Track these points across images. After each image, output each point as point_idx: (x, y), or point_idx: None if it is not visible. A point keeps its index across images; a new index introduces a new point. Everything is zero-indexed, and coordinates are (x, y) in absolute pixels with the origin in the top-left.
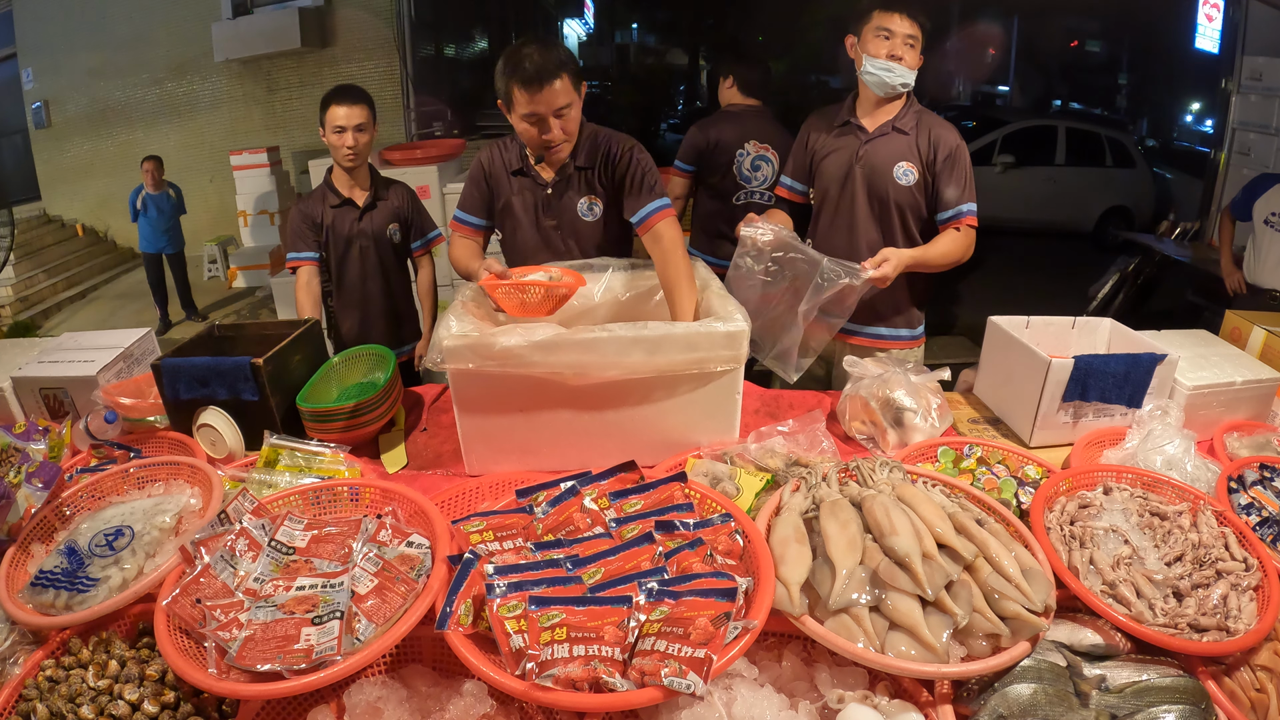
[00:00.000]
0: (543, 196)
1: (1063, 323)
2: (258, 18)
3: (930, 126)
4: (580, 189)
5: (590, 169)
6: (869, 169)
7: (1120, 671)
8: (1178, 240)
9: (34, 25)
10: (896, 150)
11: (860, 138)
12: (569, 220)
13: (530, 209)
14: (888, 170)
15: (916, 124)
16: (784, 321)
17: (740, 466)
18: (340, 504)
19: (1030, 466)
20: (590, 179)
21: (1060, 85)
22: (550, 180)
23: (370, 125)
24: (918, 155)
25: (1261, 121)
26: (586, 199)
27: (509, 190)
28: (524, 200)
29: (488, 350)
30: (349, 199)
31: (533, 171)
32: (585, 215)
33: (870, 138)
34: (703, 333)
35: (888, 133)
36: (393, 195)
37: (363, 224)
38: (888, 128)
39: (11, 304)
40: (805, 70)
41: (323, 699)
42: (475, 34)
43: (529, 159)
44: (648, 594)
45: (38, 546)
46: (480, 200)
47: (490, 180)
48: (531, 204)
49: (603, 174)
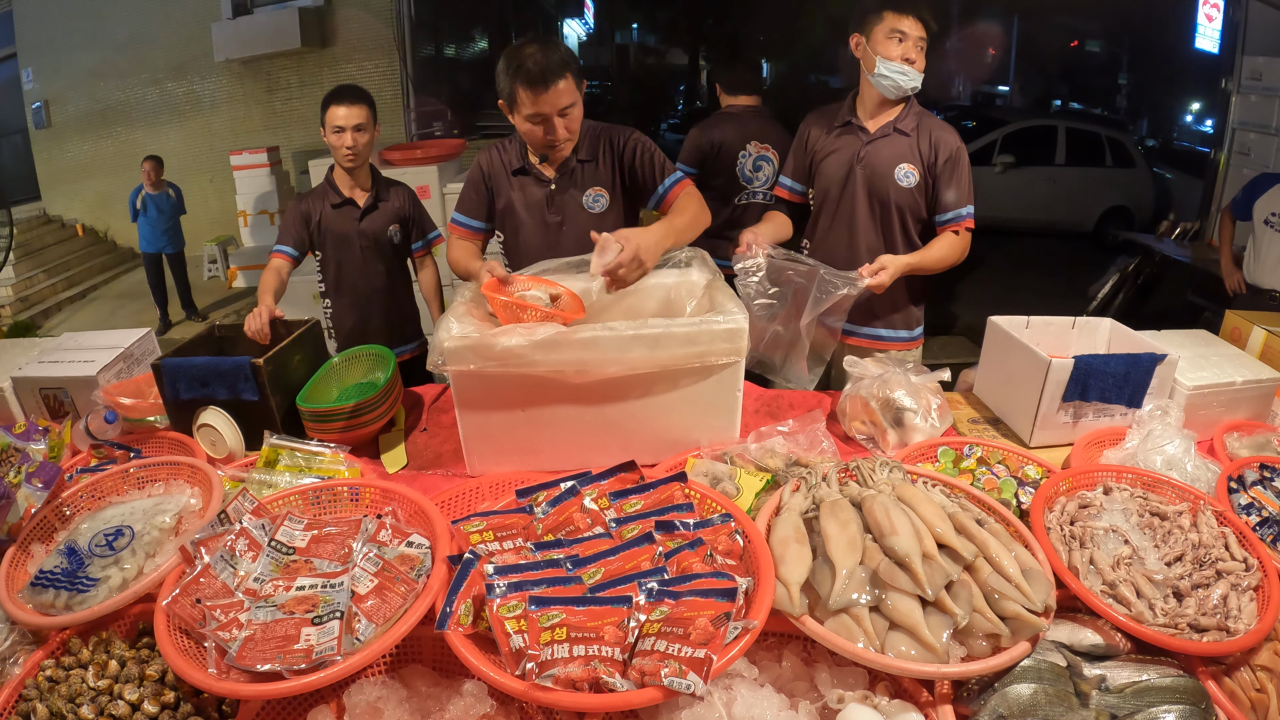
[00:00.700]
0: (546, 193)
1: (1063, 323)
2: (258, 18)
3: (931, 128)
4: (584, 182)
5: (593, 161)
6: (870, 170)
7: (1120, 671)
8: (1178, 240)
9: (34, 25)
10: (898, 152)
11: (861, 139)
12: (573, 214)
13: (533, 207)
14: (889, 172)
15: (917, 125)
16: (787, 337)
17: (740, 466)
18: (340, 504)
19: (1030, 466)
20: (595, 171)
21: (1060, 85)
22: (553, 177)
23: (370, 125)
24: (919, 157)
25: (1261, 121)
26: (592, 191)
27: (510, 190)
28: (526, 198)
29: (489, 351)
30: (350, 199)
31: (535, 170)
32: (591, 207)
33: (871, 139)
34: (702, 329)
35: (889, 134)
36: (394, 196)
37: (363, 224)
38: (889, 129)
39: (11, 304)
40: (805, 70)
41: (323, 699)
42: (475, 34)
43: (530, 158)
44: (648, 594)
45: (38, 546)
46: (479, 203)
47: (490, 182)
48: (535, 201)
49: (609, 165)
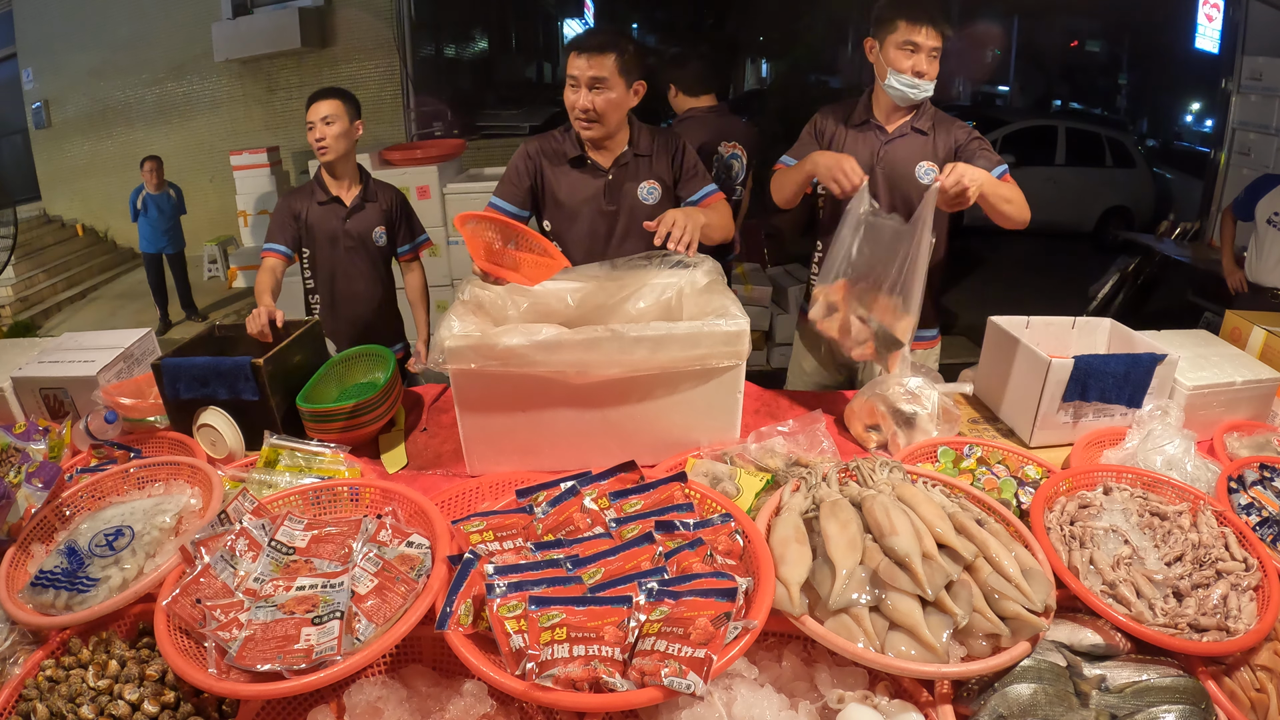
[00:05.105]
0: (604, 183)
1: (1063, 323)
2: (258, 18)
3: (945, 126)
4: (640, 174)
5: (649, 157)
6: (890, 169)
7: (1120, 671)
8: (1178, 240)
9: (34, 25)
10: (917, 150)
11: (880, 138)
12: (629, 205)
13: (590, 196)
14: (909, 170)
15: (933, 124)
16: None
17: (740, 466)
18: (340, 504)
19: (1030, 466)
20: (651, 165)
21: (1060, 85)
22: (609, 168)
23: (343, 118)
24: (937, 154)
25: (1261, 121)
26: (648, 183)
27: (566, 179)
28: (582, 188)
29: (490, 350)
30: (336, 197)
31: (592, 160)
32: (646, 199)
33: (890, 138)
34: (705, 332)
35: (907, 134)
36: (382, 197)
37: (349, 224)
38: (906, 128)
39: (11, 304)
40: (805, 70)
41: (323, 699)
42: (475, 34)
43: (587, 149)
44: (648, 594)
45: (38, 546)
46: (523, 190)
47: (538, 168)
48: (591, 191)
49: (664, 161)
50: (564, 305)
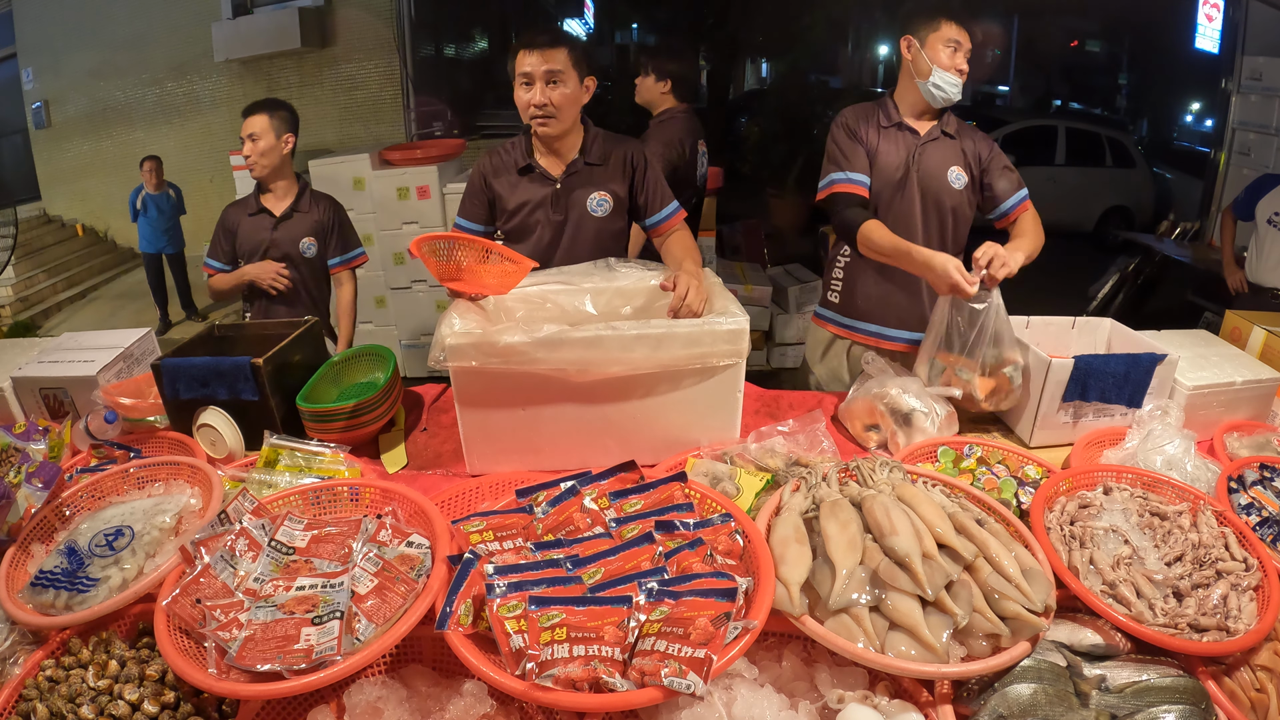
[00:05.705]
0: (552, 192)
1: (1063, 323)
2: (258, 18)
3: (968, 133)
4: (592, 184)
5: (602, 166)
6: (924, 173)
7: (1120, 671)
8: (1178, 240)
9: (34, 25)
10: (948, 154)
11: (914, 140)
12: (577, 216)
13: (538, 206)
14: (942, 174)
15: (958, 129)
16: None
17: (740, 466)
18: (340, 504)
19: (1030, 466)
20: (602, 176)
21: (1060, 85)
22: (559, 176)
23: (268, 133)
24: (965, 160)
25: (1261, 121)
26: (598, 194)
27: (515, 189)
28: (531, 197)
29: (491, 347)
30: (265, 208)
31: (540, 167)
32: (595, 210)
33: (923, 141)
34: (705, 330)
35: (937, 137)
36: (315, 209)
37: (276, 234)
38: (936, 132)
39: (11, 304)
40: (805, 70)
41: (323, 699)
42: (475, 34)
43: (536, 156)
44: (648, 594)
45: (38, 546)
46: (481, 207)
47: (493, 184)
48: (539, 200)
49: (616, 172)
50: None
